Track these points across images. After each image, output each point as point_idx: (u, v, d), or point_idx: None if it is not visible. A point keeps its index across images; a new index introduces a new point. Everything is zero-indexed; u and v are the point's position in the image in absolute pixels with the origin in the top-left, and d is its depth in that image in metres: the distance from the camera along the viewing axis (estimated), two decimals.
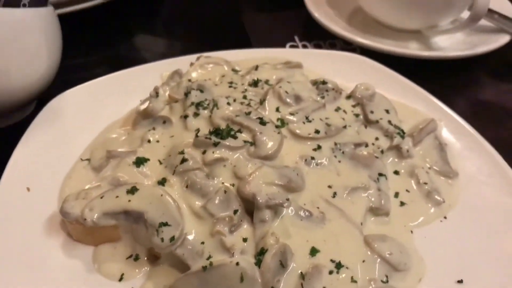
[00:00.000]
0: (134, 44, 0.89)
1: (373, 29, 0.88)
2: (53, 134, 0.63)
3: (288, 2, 0.98)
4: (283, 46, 0.89)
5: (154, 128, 0.61)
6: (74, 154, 0.62)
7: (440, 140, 0.66)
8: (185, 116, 0.60)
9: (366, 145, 0.61)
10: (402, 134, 0.63)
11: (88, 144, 0.64)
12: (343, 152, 0.59)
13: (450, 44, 0.85)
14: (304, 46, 0.89)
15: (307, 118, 0.61)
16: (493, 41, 0.82)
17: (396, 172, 0.61)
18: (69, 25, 0.75)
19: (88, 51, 0.86)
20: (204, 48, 0.87)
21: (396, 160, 0.63)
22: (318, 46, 0.89)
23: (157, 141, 0.59)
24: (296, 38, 0.91)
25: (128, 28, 0.91)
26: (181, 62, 0.74)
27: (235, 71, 0.71)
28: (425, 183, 0.60)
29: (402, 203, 0.58)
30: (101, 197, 0.51)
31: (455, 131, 0.67)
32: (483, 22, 0.83)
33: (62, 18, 0.77)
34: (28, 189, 0.57)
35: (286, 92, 0.63)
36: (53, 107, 0.65)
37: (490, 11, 0.86)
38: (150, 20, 0.95)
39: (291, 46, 0.89)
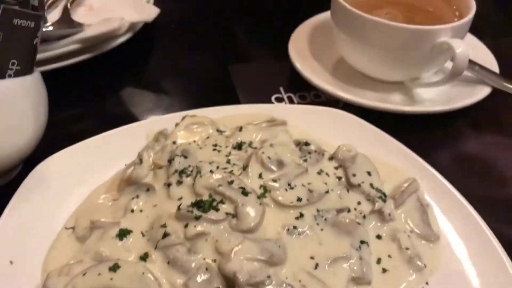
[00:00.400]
0: (121, 99, 0.89)
1: (356, 79, 0.90)
2: (39, 202, 0.63)
3: (274, 52, 1.00)
4: (269, 98, 0.90)
5: (137, 196, 0.62)
6: (59, 222, 0.63)
7: (422, 201, 0.67)
8: (169, 184, 0.61)
9: (349, 210, 0.62)
10: (383, 197, 0.64)
11: (74, 210, 0.64)
12: (325, 219, 0.59)
13: (432, 95, 0.86)
14: (289, 98, 0.90)
15: (289, 184, 0.61)
16: (474, 93, 0.84)
17: (379, 237, 0.62)
18: (55, 79, 0.76)
19: (74, 105, 0.87)
20: (191, 101, 0.89)
21: (378, 224, 0.63)
22: (303, 98, 0.91)
23: (141, 211, 0.60)
24: (282, 89, 0.92)
25: (115, 83, 0.92)
26: (167, 121, 0.75)
27: (219, 131, 0.72)
28: (407, 248, 0.60)
29: (384, 270, 0.59)
30: (84, 274, 0.52)
31: (436, 191, 0.68)
32: (465, 73, 0.84)
33: (48, 73, 0.79)
34: (11, 262, 0.57)
35: (269, 157, 0.64)
36: (38, 174, 0.66)
37: (471, 62, 0.88)
38: (138, 74, 0.96)
39: (277, 98, 0.90)
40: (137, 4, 0.96)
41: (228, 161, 0.65)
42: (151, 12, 0.92)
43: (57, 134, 0.76)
